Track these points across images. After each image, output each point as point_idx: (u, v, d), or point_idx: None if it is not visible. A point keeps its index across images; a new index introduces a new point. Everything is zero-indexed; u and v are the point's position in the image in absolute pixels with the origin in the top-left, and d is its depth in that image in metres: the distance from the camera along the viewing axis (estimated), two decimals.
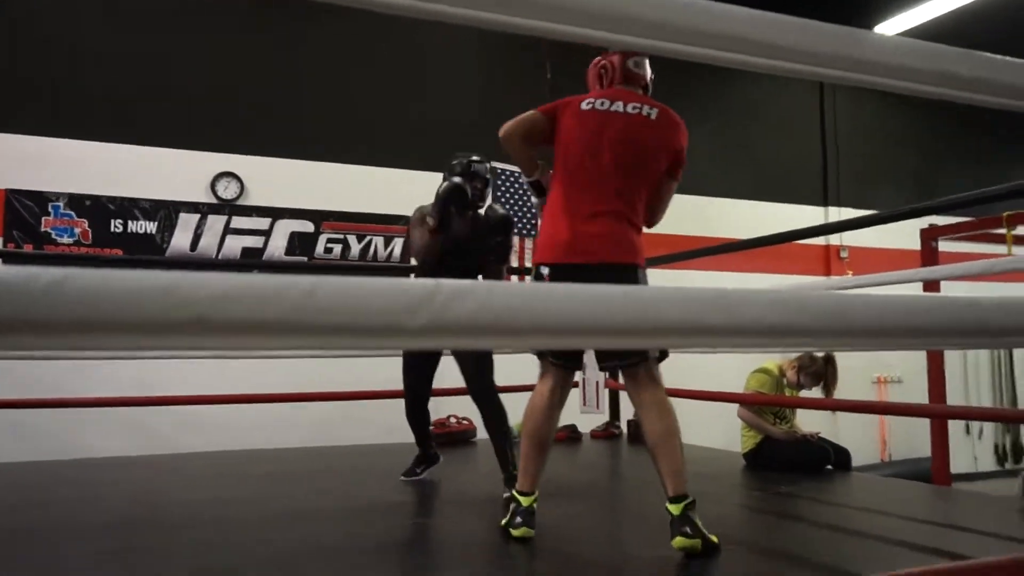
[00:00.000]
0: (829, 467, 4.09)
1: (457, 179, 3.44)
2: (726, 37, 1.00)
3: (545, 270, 2.54)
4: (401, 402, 3.81)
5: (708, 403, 4.73)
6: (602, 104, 2.57)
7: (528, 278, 7.04)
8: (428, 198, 6.80)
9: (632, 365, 2.51)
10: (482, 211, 3.57)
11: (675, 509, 2.33)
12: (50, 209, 5.81)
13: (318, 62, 6.73)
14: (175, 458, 4.52)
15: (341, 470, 4.22)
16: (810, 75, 1.11)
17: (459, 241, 3.51)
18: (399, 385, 3.79)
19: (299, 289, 0.65)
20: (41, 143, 5.80)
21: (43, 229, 5.77)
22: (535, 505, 2.54)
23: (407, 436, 5.04)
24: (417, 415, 3.72)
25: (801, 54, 1.05)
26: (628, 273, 2.48)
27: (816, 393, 4.38)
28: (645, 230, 2.70)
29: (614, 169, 2.50)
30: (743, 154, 8.62)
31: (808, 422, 4.54)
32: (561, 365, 2.63)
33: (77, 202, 5.87)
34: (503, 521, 2.57)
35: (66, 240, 5.83)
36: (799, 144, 9.01)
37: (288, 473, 4.04)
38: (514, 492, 2.58)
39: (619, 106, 2.57)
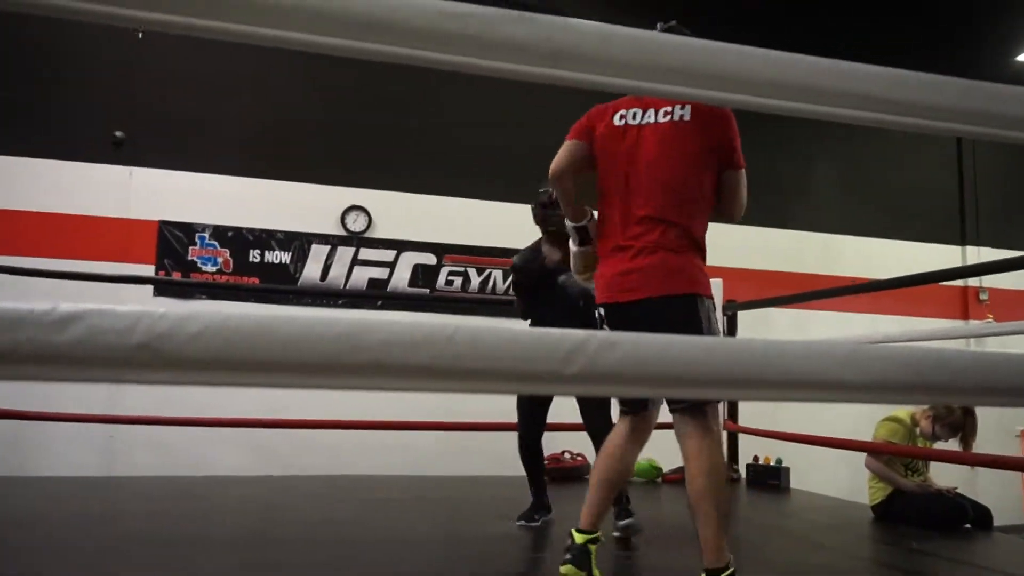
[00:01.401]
0: (967, 525, 3.85)
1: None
2: (857, 96, 0.98)
3: (601, 310, 2.40)
4: (508, 433, 3.83)
5: (826, 449, 4.56)
6: (634, 117, 2.37)
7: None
8: None
9: (680, 409, 2.27)
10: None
11: None
12: (197, 239, 6.25)
13: (443, 98, 6.98)
14: (291, 479, 4.74)
15: (453, 499, 4.31)
16: (946, 131, 1.07)
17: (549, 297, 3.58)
18: (506, 417, 3.79)
19: (466, 335, 0.71)
20: (189, 177, 6.27)
21: (190, 258, 6.21)
22: (592, 547, 2.38)
23: (514, 468, 5.08)
24: (531, 456, 3.69)
25: (933, 111, 1.02)
26: (686, 305, 2.25)
27: (952, 445, 4.14)
28: (736, 230, 2.51)
29: (655, 193, 2.28)
30: (873, 189, 8.29)
31: (943, 476, 4.29)
32: (627, 411, 2.47)
33: (220, 233, 6.28)
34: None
35: (210, 268, 6.24)
36: (934, 178, 8.59)
37: (399, 500, 4.15)
38: (572, 530, 2.43)
39: (651, 115, 2.35)
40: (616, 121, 2.39)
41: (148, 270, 6.06)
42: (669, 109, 2.34)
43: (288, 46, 0.80)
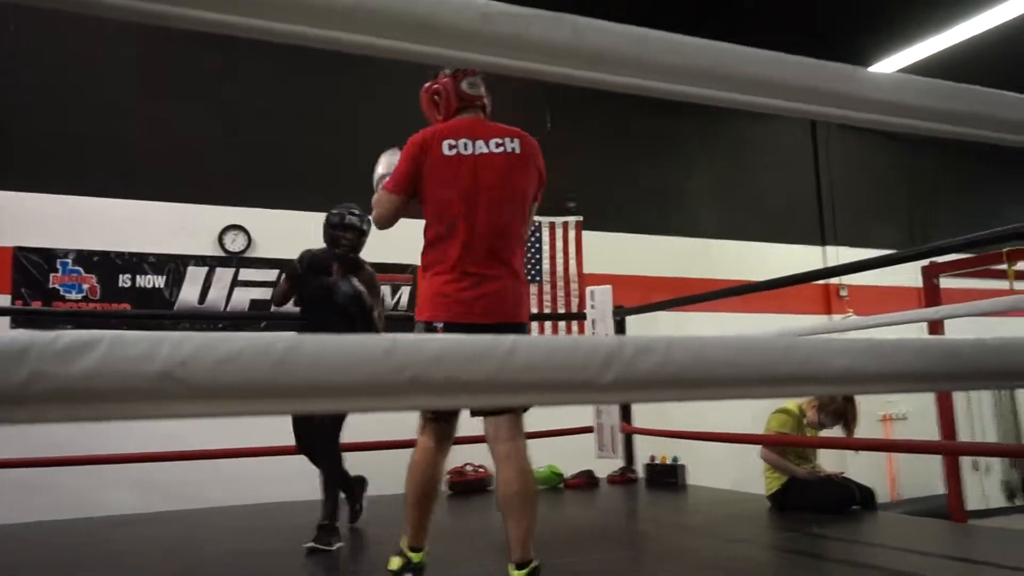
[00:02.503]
0: (855, 507, 4.09)
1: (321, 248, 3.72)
2: (718, 75, 0.99)
3: (439, 325, 2.36)
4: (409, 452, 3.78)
5: (716, 444, 4.74)
6: (465, 147, 2.41)
7: (534, 324, 7.06)
8: None
9: (496, 413, 2.38)
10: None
11: (519, 575, 2.23)
12: (58, 265, 5.80)
13: (321, 114, 6.81)
14: (197, 513, 4.47)
15: (372, 519, 4.17)
16: (803, 113, 1.10)
17: (321, 295, 3.66)
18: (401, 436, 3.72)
19: (502, 348, 0.67)
20: (48, 200, 5.81)
21: (51, 286, 5.75)
22: (426, 560, 2.47)
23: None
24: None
25: (795, 91, 1.04)
26: (526, 332, 2.46)
27: (836, 432, 4.39)
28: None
29: (496, 221, 2.39)
30: (739, 195, 8.75)
31: (823, 462, 4.54)
32: (436, 419, 2.49)
33: (85, 258, 5.86)
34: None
35: (74, 296, 5.80)
36: (794, 183, 9.15)
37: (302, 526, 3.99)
38: (405, 549, 2.47)
39: (482, 146, 2.42)
40: (446, 151, 2.41)
41: (3, 300, 5.56)
42: (500, 141, 2.44)
43: (317, 44, 0.74)
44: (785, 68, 0.98)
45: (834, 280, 8.76)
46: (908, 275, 7.60)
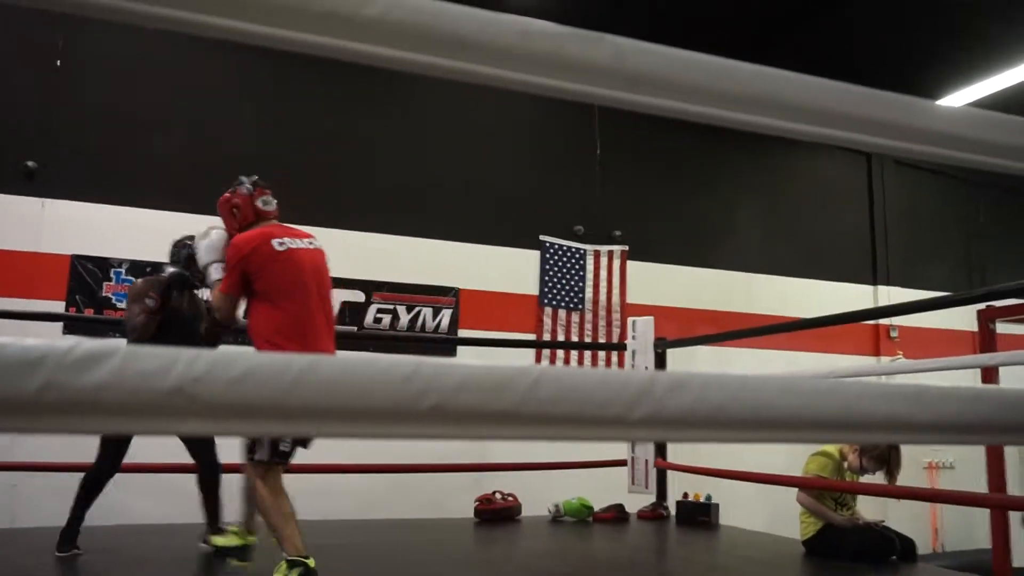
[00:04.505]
0: (894, 557, 3.94)
1: (178, 269, 3.60)
2: (775, 103, 0.96)
3: None
4: (444, 476, 3.80)
5: (751, 484, 4.62)
6: (291, 242, 3.01)
7: (574, 353, 7.01)
8: (478, 269, 6.90)
9: (255, 460, 2.91)
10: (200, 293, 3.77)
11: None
12: (112, 274, 5.93)
13: (371, 133, 6.90)
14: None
15: (390, 543, 4.15)
16: (864, 145, 1.04)
17: (178, 320, 3.61)
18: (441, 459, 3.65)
19: (527, 379, 0.65)
20: (105, 210, 5.96)
21: (104, 294, 5.88)
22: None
23: (450, 511, 4.98)
24: (100, 488, 3.53)
25: (856, 121, 1.01)
26: None
27: (877, 478, 4.25)
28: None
29: (321, 299, 3.04)
30: (789, 230, 8.62)
31: (863, 509, 4.39)
32: (285, 463, 2.97)
33: (138, 268, 5.98)
34: None
35: (124, 305, 5.91)
36: (847, 220, 8.99)
37: (348, 544, 3.98)
38: (296, 558, 2.79)
39: (298, 243, 3.05)
40: (277, 247, 2.96)
41: (58, 307, 5.70)
42: (308, 240, 3.13)
43: (358, 60, 0.73)
44: (846, 97, 0.95)
45: (884, 320, 8.55)
46: (962, 318, 7.39)
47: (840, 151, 8.92)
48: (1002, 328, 6.03)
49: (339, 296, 6.51)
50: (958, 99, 7.99)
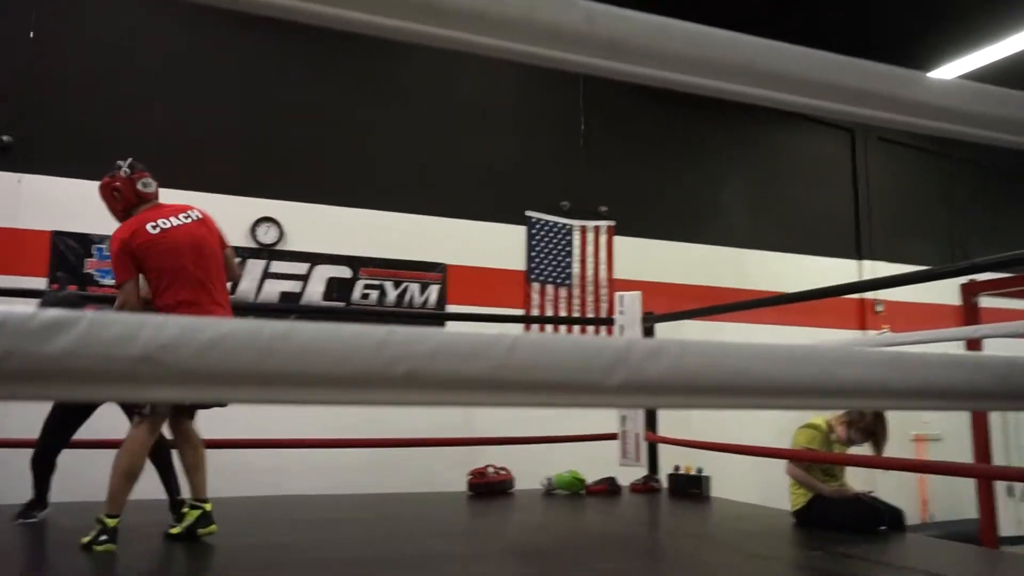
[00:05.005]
0: (883, 527, 3.98)
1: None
2: (758, 72, 0.95)
3: None
4: (437, 450, 3.79)
5: (742, 456, 4.65)
6: (166, 223, 3.19)
7: (562, 328, 7.03)
8: (465, 245, 6.88)
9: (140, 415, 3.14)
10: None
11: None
12: (94, 251, 5.88)
13: (356, 109, 6.83)
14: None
15: (386, 518, 4.17)
16: (857, 116, 1.04)
17: None
18: (433, 432, 3.66)
19: (501, 345, 0.64)
20: (86, 186, 5.87)
21: (87, 270, 5.84)
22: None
23: (442, 484, 5.01)
24: (52, 461, 3.71)
25: (849, 93, 1.00)
26: None
27: (864, 450, 4.29)
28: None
29: (205, 270, 3.20)
30: (776, 205, 8.62)
31: (853, 480, 4.44)
32: (160, 416, 3.18)
33: None
34: (86, 540, 2.96)
35: (109, 281, 5.87)
36: (831, 196, 9.00)
37: (342, 519, 4.00)
38: (104, 517, 2.98)
39: (175, 220, 3.22)
40: (151, 230, 3.14)
41: (40, 283, 5.65)
42: (186, 213, 3.29)
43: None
44: (833, 67, 0.94)
45: (869, 295, 8.59)
46: (946, 293, 7.43)
47: (824, 127, 8.90)
48: (985, 302, 6.07)
49: (326, 272, 6.49)
50: (949, 71, 7.97)
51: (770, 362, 0.70)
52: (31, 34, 5.81)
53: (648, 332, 5.57)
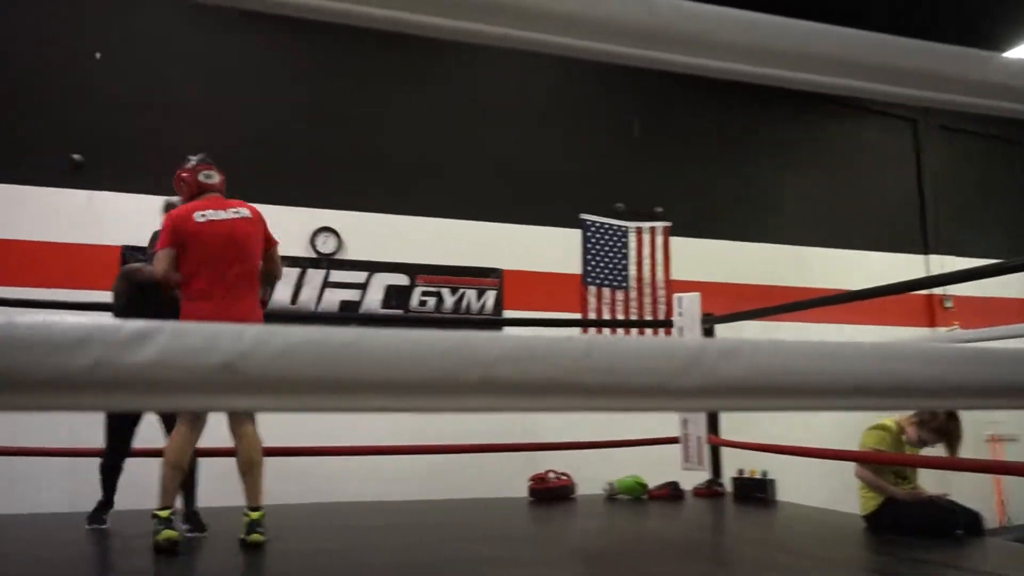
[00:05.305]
0: (959, 531, 3.84)
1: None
2: (838, 61, 0.92)
3: None
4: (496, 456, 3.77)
5: (808, 459, 4.54)
6: (215, 214, 3.42)
7: (605, 331, 6.97)
8: (520, 250, 6.89)
9: None
10: None
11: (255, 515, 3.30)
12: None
13: (409, 118, 6.91)
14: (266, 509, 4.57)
15: (446, 524, 4.19)
16: (929, 101, 1.00)
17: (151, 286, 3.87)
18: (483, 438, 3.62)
19: (576, 349, 0.63)
20: (151, 200, 6.06)
21: None
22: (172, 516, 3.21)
23: (493, 491, 4.99)
24: (116, 464, 3.86)
25: (920, 77, 0.96)
26: None
27: (937, 451, 4.15)
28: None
29: (233, 260, 3.37)
30: (836, 201, 8.42)
31: (925, 482, 4.29)
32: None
33: None
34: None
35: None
36: (894, 188, 8.76)
37: (403, 525, 4.03)
38: (156, 511, 3.14)
39: (222, 214, 3.43)
40: (198, 219, 3.38)
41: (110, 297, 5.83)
42: (235, 210, 3.48)
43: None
44: (910, 53, 0.91)
45: (938, 290, 8.32)
46: (1018, 286, 7.16)
47: (885, 117, 8.67)
48: None
49: (384, 280, 6.57)
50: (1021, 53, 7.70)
51: (850, 361, 0.68)
52: (97, 55, 6.03)
53: (708, 334, 5.49)
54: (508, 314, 6.77)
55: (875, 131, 8.75)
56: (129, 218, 5.97)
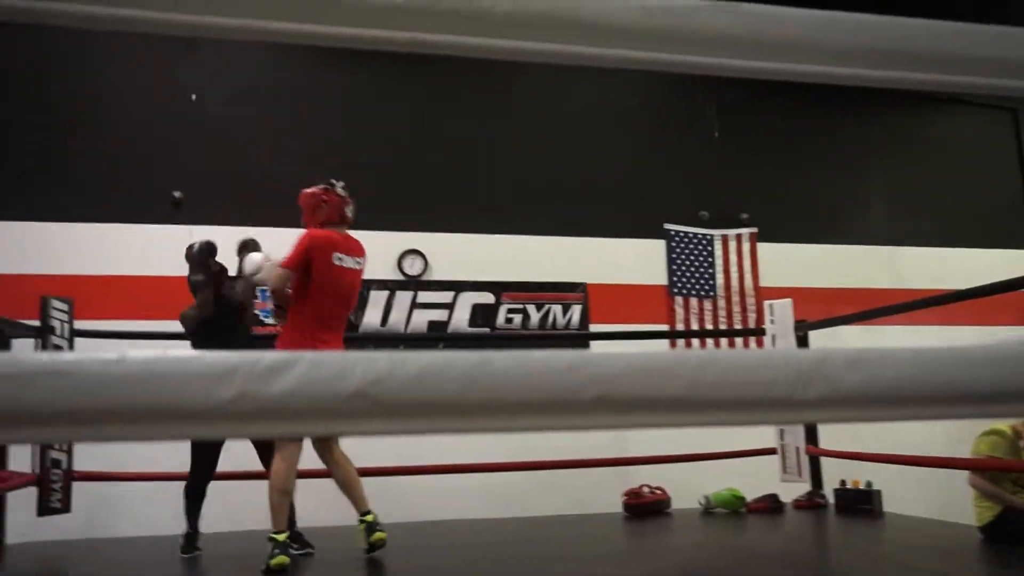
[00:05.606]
0: None
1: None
2: (931, 56, 0.88)
3: None
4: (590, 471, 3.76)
5: (915, 468, 4.34)
6: (342, 260, 3.51)
7: (695, 343, 6.85)
8: (604, 263, 6.87)
9: None
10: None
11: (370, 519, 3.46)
12: (257, 293, 6.28)
13: (487, 136, 7.00)
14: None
15: (542, 540, 4.19)
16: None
17: (228, 304, 4.13)
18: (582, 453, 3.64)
19: (692, 363, 0.63)
20: (248, 233, 6.31)
21: (254, 311, 6.24)
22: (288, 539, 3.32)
23: (598, 507, 4.96)
24: (200, 490, 3.90)
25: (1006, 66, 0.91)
26: None
27: None
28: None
29: (344, 306, 3.59)
30: (930, 197, 8.08)
31: None
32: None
33: None
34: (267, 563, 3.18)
35: (271, 321, 6.25)
36: (994, 182, 8.34)
37: (500, 543, 4.05)
38: (273, 535, 3.24)
39: (350, 262, 3.56)
40: (335, 260, 3.48)
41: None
42: (359, 259, 3.66)
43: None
44: (1000, 42, 0.88)
45: None
46: None
47: (981, 108, 8.28)
48: None
49: (470, 299, 6.64)
50: None
51: (983, 366, 0.66)
52: (192, 96, 6.33)
53: (802, 341, 5.34)
54: (594, 328, 6.74)
55: (970, 123, 8.37)
56: (227, 250, 6.23)
